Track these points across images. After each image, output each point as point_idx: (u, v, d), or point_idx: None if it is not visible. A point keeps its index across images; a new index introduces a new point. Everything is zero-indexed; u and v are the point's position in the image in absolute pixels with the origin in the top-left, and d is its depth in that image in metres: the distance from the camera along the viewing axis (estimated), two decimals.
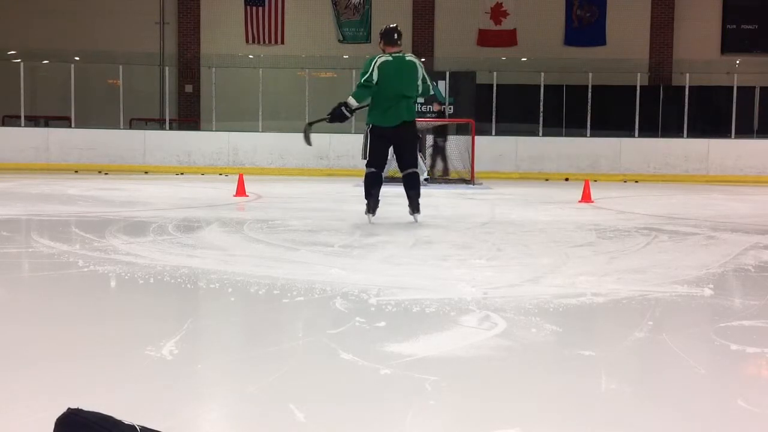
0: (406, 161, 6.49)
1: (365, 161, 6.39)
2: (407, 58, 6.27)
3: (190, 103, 18.61)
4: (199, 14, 18.74)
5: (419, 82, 6.26)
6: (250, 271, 3.87)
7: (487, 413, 1.99)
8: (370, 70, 6.09)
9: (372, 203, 6.40)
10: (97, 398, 1.92)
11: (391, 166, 12.74)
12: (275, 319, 3.05)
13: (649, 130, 16.82)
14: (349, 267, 4.11)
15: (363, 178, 6.49)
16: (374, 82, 6.10)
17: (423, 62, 6.41)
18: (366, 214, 6.41)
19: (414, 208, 6.45)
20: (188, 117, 18.55)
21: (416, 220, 6.44)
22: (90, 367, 2.33)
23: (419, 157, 12.63)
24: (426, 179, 12.38)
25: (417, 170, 6.56)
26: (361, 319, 2.91)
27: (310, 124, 6.69)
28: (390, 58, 6.18)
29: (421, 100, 7.67)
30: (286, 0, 18.54)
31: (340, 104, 6.25)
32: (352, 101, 6.22)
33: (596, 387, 2.21)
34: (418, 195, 6.48)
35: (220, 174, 15.26)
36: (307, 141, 6.53)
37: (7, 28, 18.24)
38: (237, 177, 10.15)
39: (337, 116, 6.26)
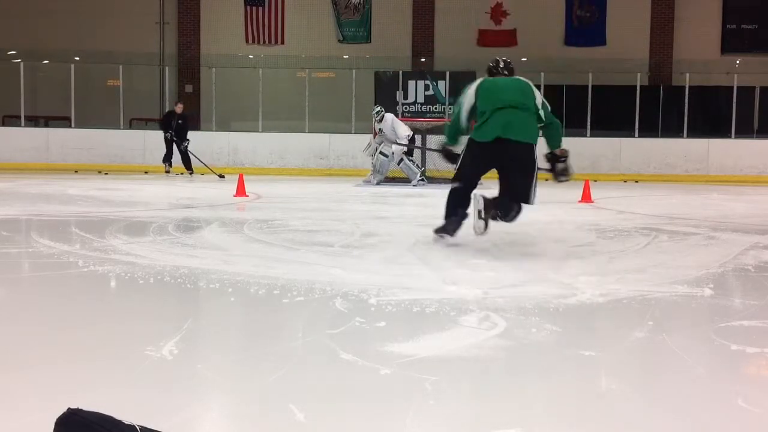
0: None
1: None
2: None
3: (190, 103, 18.60)
4: (199, 14, 18.73)
5: None
6: (250, 271, 3.87)
7: (487, 413, 1.99)
8: None
9: None
10: (97, 398, 1.92)
11: (390, 167, 12.81)
12: (275, 319, 3.05)
13: (649, 130, 16.82)
14: (349, 267, 4.11)
15: None
16: None
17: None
18: None
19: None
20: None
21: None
22: (90, 367, 2.33)
23: (409, 161, 12.56)
24: (421, 180, 12.37)
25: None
26: (361, 319, 2.91)
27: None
28: None
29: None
30: (286, 0, 18.53)
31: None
32: None
33: (596, 387, 2.21)
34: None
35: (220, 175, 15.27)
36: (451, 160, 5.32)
37: (7, 28, 18.23)
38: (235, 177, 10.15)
39: None
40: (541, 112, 4.91)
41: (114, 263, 4.08)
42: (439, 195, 10.28)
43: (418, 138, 13.20)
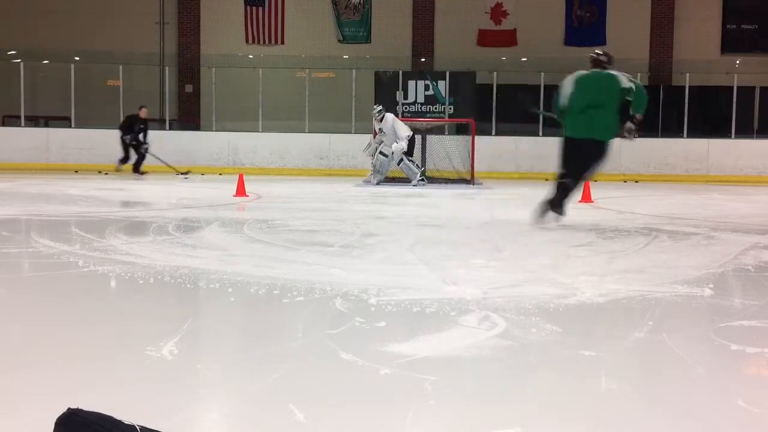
0: None
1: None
2: None
3: (190, 103, 18.60)
4: (199, 14, 18.73)
5: None
6: (250, 271, 3.87)
7: (487, 413, 1.99)
8: None
9: None
10: (97, 398, 1.92)
11: (390, 167, 12.82)
12: (275, 319, 3.05)
13: (649, 130, 16.80)
14: (349, 267, 4.11)
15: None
16: None
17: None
18: None
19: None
20: (188, 117, 18.54)
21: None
22: (90, 367, 2.33)
23: (408, 161, 12.55)
24: (421, 180, 12.36)
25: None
26: (361, 319, 2.91)
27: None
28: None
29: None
30: (286, 0, 18.53)
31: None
32: None
33: (596, 387, 2.21)
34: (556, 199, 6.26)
35: (220, 174, 15.28)
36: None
37: (7, 28, 18.23)
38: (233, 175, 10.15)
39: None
40: (631, 92, 5.99)
41: (114, 263, 4.08)
42: (440, 195, 10.30)
43: (418, 138, 13.19)
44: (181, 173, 13.85)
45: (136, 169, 14.18)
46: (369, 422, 1.91)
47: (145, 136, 14.27)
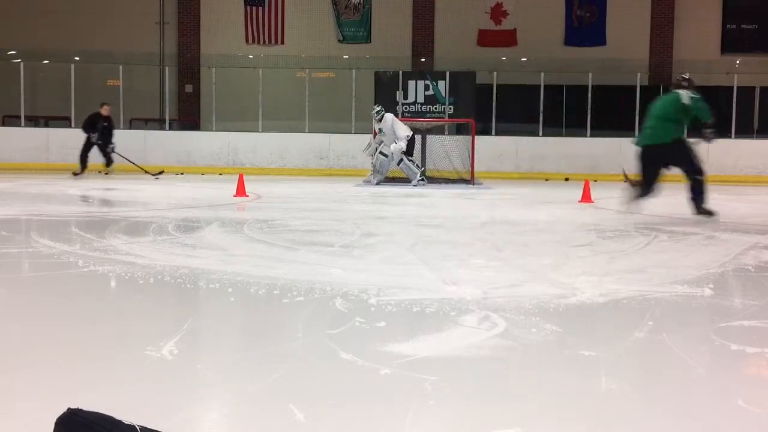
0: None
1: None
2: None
3: (190, 103, 18.59)
4: (199, 14, 18.72)
5: None
6: (250, 271, 3.87)
7: (487, 413, 1.99)
8: None
9: None
10: (97, 398, 1.92)
11: (391, 167, 12.82)
12: (275, 319, 3.05)
13: None
14: (349, 267, 4.11)
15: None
16: None
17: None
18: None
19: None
20: (188, 117, 18.54)
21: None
22: (90, 367, 2.33)
23: (408, 161, 12.54)
24: (421, 180, 12.35)
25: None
26: (361, 319, 2.91)
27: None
28: None
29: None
30: (286, 0, 18.53)
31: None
32: None
33: (596, 387, 2.21)
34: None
35: (220, 174, 15.27)
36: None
37: (7, 28, 18.22)
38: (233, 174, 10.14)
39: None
40: (692, 110, 7.09)
41: (114, 263, 4.08)
42: (440, 195, 10.30)
43: (418, 138, 13.19)
44: (154, 174, 13.67)
45: (107, 165, 13.98)
46: (369, 422, 1.91)
47: (110, 136, 13.90)
